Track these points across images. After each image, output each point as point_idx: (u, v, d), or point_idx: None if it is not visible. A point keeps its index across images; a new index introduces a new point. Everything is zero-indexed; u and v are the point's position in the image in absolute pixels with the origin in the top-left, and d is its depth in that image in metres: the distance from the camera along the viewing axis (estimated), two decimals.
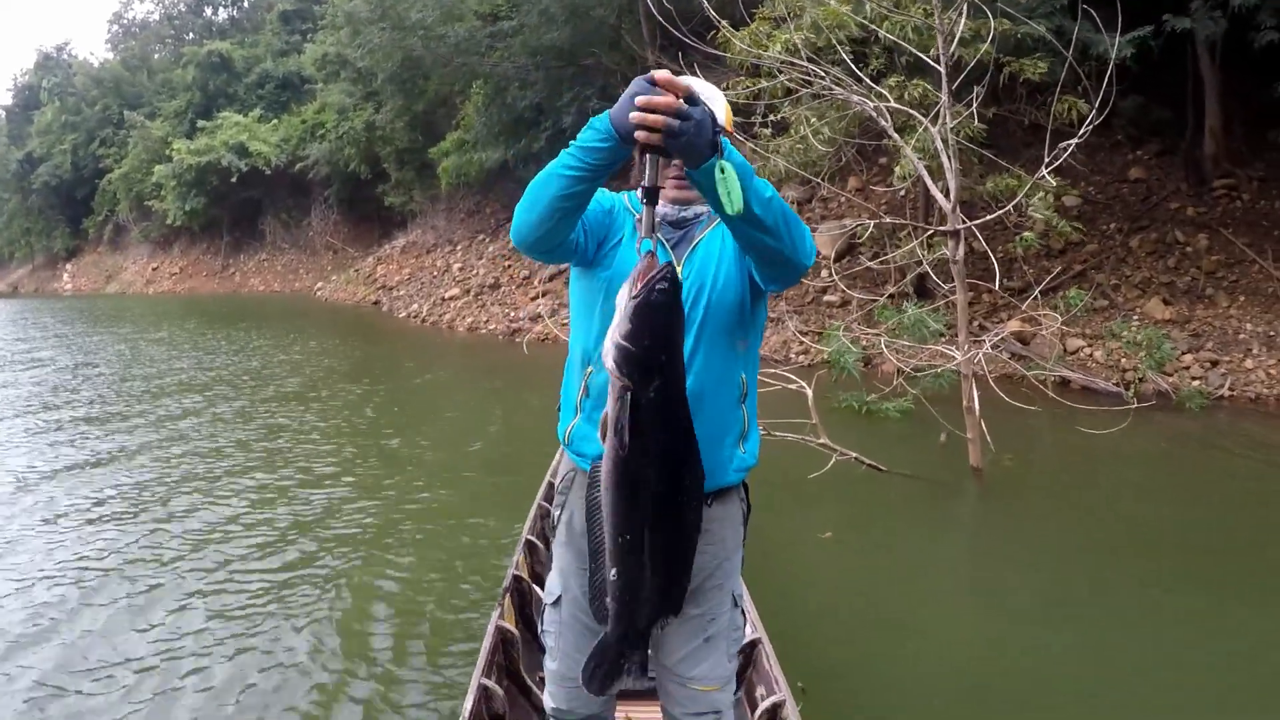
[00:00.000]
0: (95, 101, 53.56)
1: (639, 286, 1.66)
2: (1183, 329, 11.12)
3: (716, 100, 2.14)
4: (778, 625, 3.78)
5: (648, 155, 1.77)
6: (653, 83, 1.68)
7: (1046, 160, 6.42)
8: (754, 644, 3.54)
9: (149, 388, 12.76)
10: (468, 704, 3.00)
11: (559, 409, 2.30)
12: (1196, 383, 9.90)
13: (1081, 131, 6.42)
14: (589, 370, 2.15)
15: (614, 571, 1.86)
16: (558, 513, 2.30)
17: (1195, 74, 13.15)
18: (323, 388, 12.61)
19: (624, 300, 1.69)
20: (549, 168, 1.90)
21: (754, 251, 1.96)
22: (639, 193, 1.78)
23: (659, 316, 1.69)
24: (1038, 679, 4.00)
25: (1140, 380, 9.39)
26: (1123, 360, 10.38)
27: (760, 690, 3.35)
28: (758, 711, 3.13)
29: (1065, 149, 6.37)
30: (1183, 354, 10.53)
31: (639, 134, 1.68)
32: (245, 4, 59.25)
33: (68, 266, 56.36)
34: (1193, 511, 6.31)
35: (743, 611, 2.38)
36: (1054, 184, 7.16)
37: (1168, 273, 12.27)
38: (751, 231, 1.88)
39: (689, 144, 1.69)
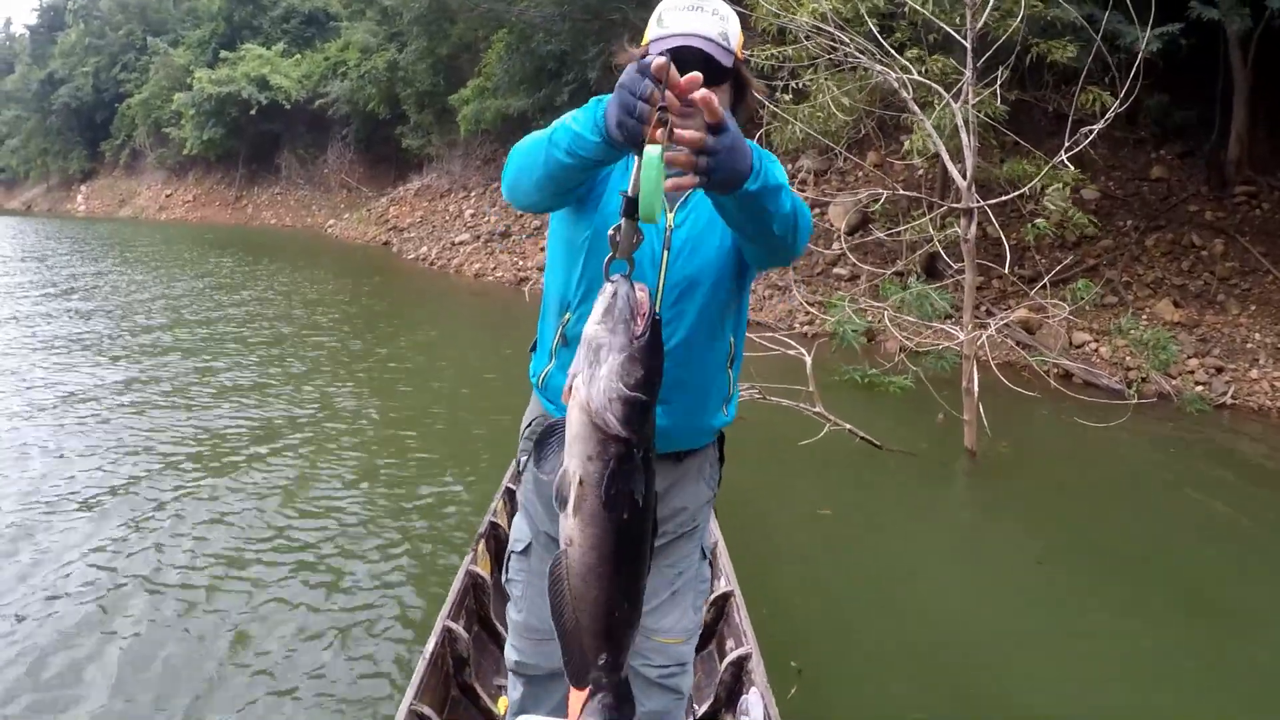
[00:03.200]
0: (120, 26, 53.37)
1: (641, 324, 1.42)
2: (1190, 332, 11.03)
3: (731, 20, 1.93)
4: (756, 589, 3.77)
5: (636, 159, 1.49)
6: (647, 74, 1.40)
7: (1067, 145, 6.32)
8: (726, 596, 3.56)
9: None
10: (429, 645, 3.00)
11: (533, 349, 2.22)
12: (1200, 388, 9.83)
13: (1106, 118, 6.32)
14: (566, 317, 2.04)
15: (603, 657, 1.63)
16: (524, 458, 2.22)
17: (1225, 75, 12.97)
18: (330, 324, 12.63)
19: (614, 340, 1.42)
20: (542, 136, 1.72)
21: (749, 245, 1.86)
22: (622, 202, 1.49)
23: (660, 358, 1.47)
24: (1010, 657, 4.04)
25: (1143, 380, 9.32)
26: (1127, 358, 10.31)
27: (730, 643, 3.36)
28: (725, 661, 3.14)
29: (1088, 134, 6.26)
30: (1188, 357, 10.45)
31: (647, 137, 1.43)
32: None
33: (82, 188, 56.34)
34: (1180, 517, 6.26)
35: (710, 563, 2.35)
36: (1073, 172, 7.08)
37: (1181, 275, 12.17)
38: (758, 240, 1.78)
39: (719, 181, 1.48)
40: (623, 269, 1.49)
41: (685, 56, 1.78)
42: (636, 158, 1.43)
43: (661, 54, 1.83)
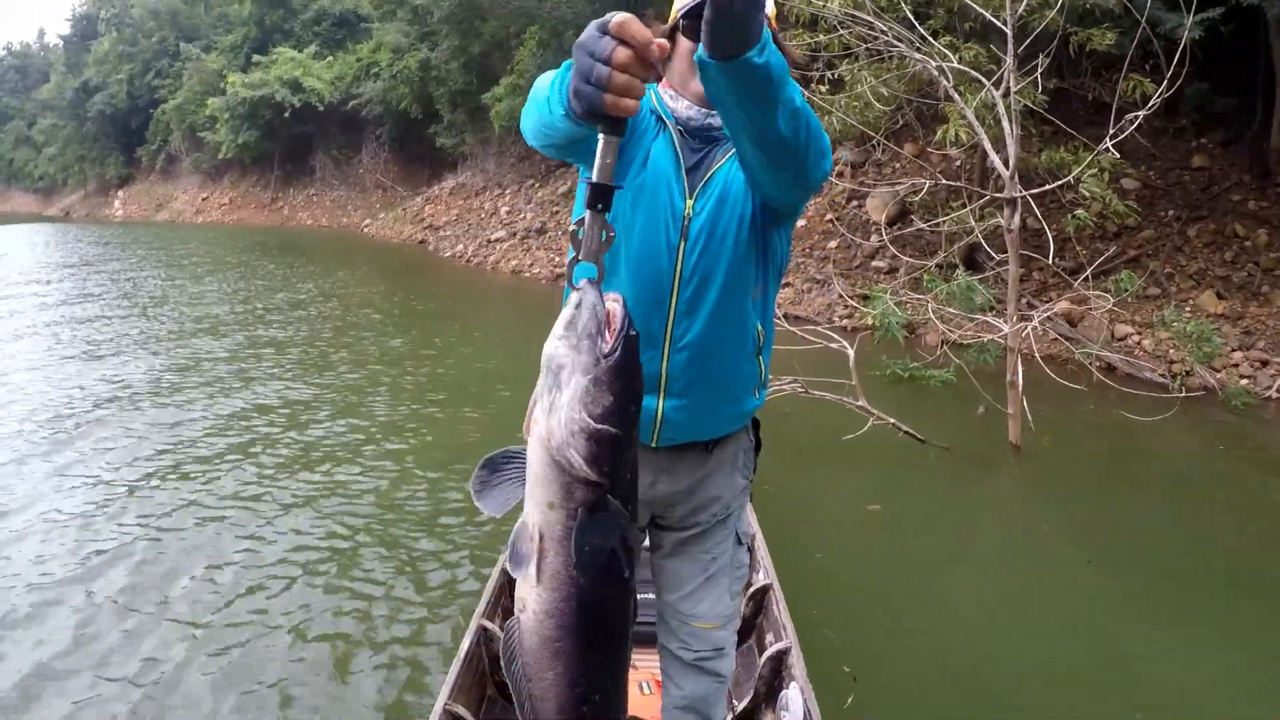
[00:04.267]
0: (152, 33, 54.14)
1: (611, 339, 1.19)
2: (1235, 325, 10.82)
3: None
4: (797, 585, 3.72)
5: (601, 136, 1.31)
6: (606, 31, 1.23)
7: (1112, 130, 6.20)
8: (765, 589, 3.53)
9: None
10: (465, 644, 3.00)
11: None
12: (1245, 381, 9.64)
13: (1151, 103, 6.20)
14: None
15: None
16: None
17: (1266, 62, 12.73)
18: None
19: (577, 359, 1.18)
20: (549, 83, 1.57)
21: (754, 156, 1.68)
22: (586, 192, 1.34)
23: (637, 381, 1.25)
24: (1064, 664, 3.90)
25: (1187, 373, 9.17)
26: (1171, 351, 10.15)
27: (769, 637, 3.33)
28: (764, 655, 3.12)
29: (1133, 120, 6.15)
30: (1232, 350, 10.24)
31: (608, 106, 1.24)
32: None
33: (119, 194, 57.11)
34: (1235, 516, 5.98)
35: (749, 549, 2.32)
36: (1115, 158, 6.97)
37: (1224, 266, 11.95)
38: (762, 146, 1.60)
39: (731, 23, 1.29)
40: (590, 273, 1.28)
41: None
42: (601, 136, 1.30)
43: (684, 14, 1.75)
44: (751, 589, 3.56)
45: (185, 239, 31.34)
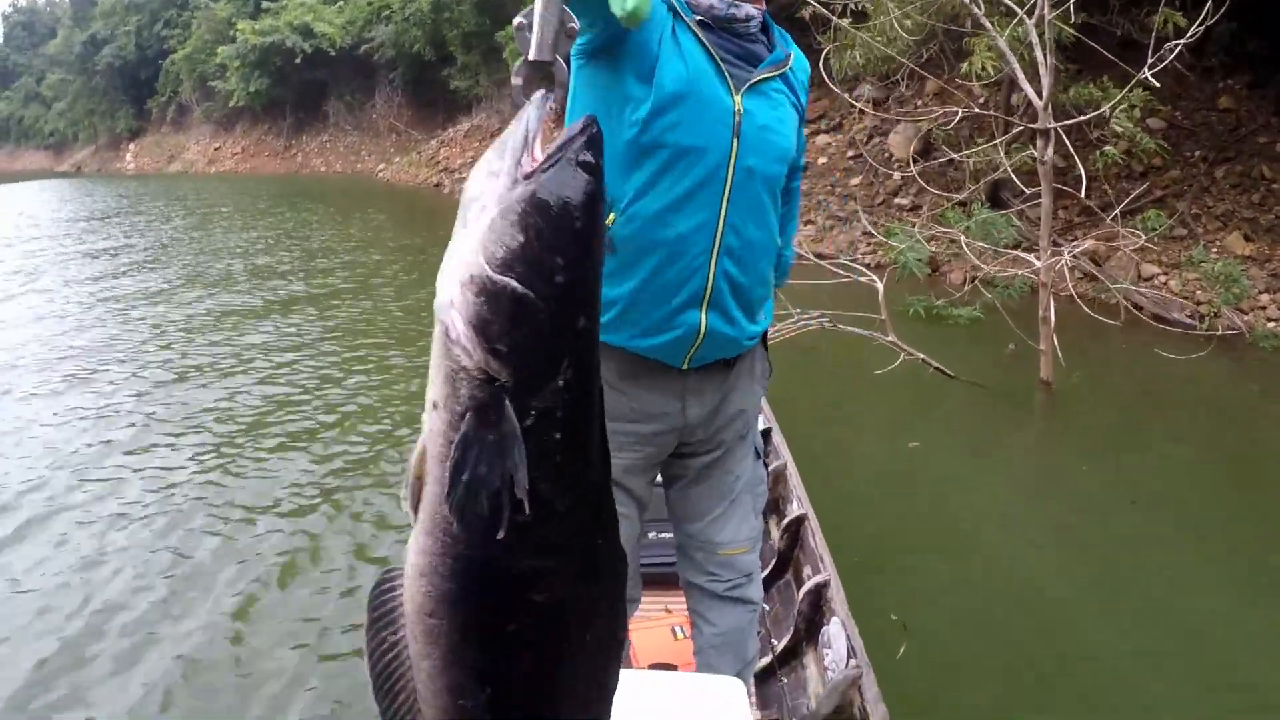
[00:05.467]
0: None
1: (540, 157, 0.84)
2: (1262, 267, 10.64)
3: None
4: (834, 519, 3.63)
5: None
6: None
7: (1150, 60, 6.00)
8: (800, 520, 3.43)
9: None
10: None
11: None
12: (1272, 324, 9.51)
13: (1191, 32, 5.99)
14: (612, 216, 1.75)
15: None
16: None
17: None
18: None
19: (491, 189, 0.83)
20: None
21: None
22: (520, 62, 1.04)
23: (580, 220, 0.83)
24: (1082, 597, 3.84)
25: (1215, 315, 9.03)
26: (1198, 292, 10.00)
27: (807, 570, 3.24)
28: (802, 590, 3.00)
29: (1172, 49, 5.94)
30: (1259, 293, 10.08)
31: None
32: None
33: (130, 146, 56.84)
34: (1269, 454, 5.83)
35: (765, 463, 2.24)
36: (1143, 94, 6.79)
37: (1251, 208, 11.73)
38: None
39: None
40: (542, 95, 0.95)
41: None
42: None
43: None
44: (786, 520, 3.48)
45: (197, 191, 31.04)
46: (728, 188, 1.75)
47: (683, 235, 1.74)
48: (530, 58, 1.01)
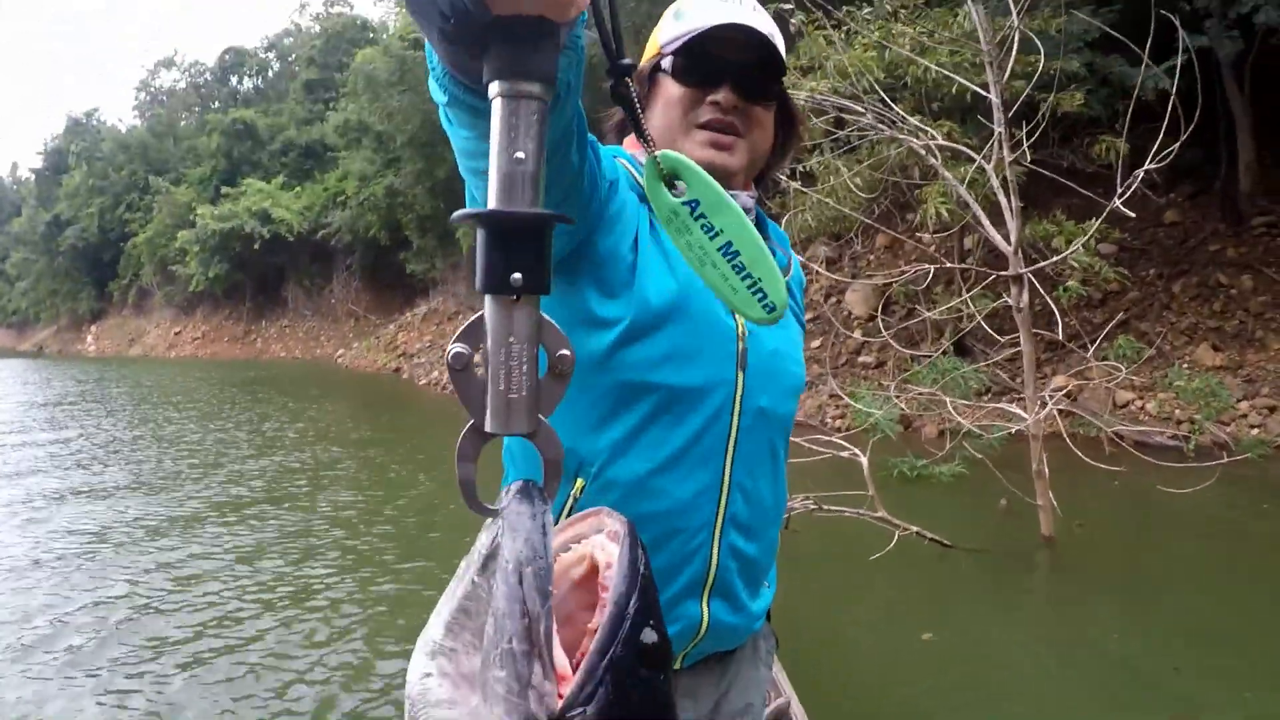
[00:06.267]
0: (122, 167, 54.95)
1: (563, 666, 0.60)
2: (1235, 375, 10.65)
3: (773, 26, 1.40)
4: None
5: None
6: None
7: (1120, 189, 5.90)
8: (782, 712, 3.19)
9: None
10: None
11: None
12: (1255, 430, 9.41)
13: (1166, 152, 5.91)
14: (580, 483, 1.33)
15: None
16: None
17: (1226, 109, 12.79)
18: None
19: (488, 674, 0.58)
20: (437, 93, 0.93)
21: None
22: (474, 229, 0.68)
23: None
24: None
25: (1199, 432, 8.88)
26: (1176, 411, 9.90)
27: None
28: None
29: (1136, 177, 5.87)
30: (1238, 401, 10.05)
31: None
32: (270, 74, 60.46)
33: (92, 328, 57.25)
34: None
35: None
36: (1101, 226, 6.77)
37: (1214, 317, 11.82)
38: None
39: None
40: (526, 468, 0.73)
41: (730, 38, 1.33)
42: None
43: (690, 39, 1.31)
44: (770, 708, 3.19)
45: (155, 376, 30.62)
46: (733, 438, 1.36)
47: (678, 506, 1.33)
48: (485, 428, 0.67)
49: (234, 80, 62.75)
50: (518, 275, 0.64)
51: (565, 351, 0.70)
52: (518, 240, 0.65)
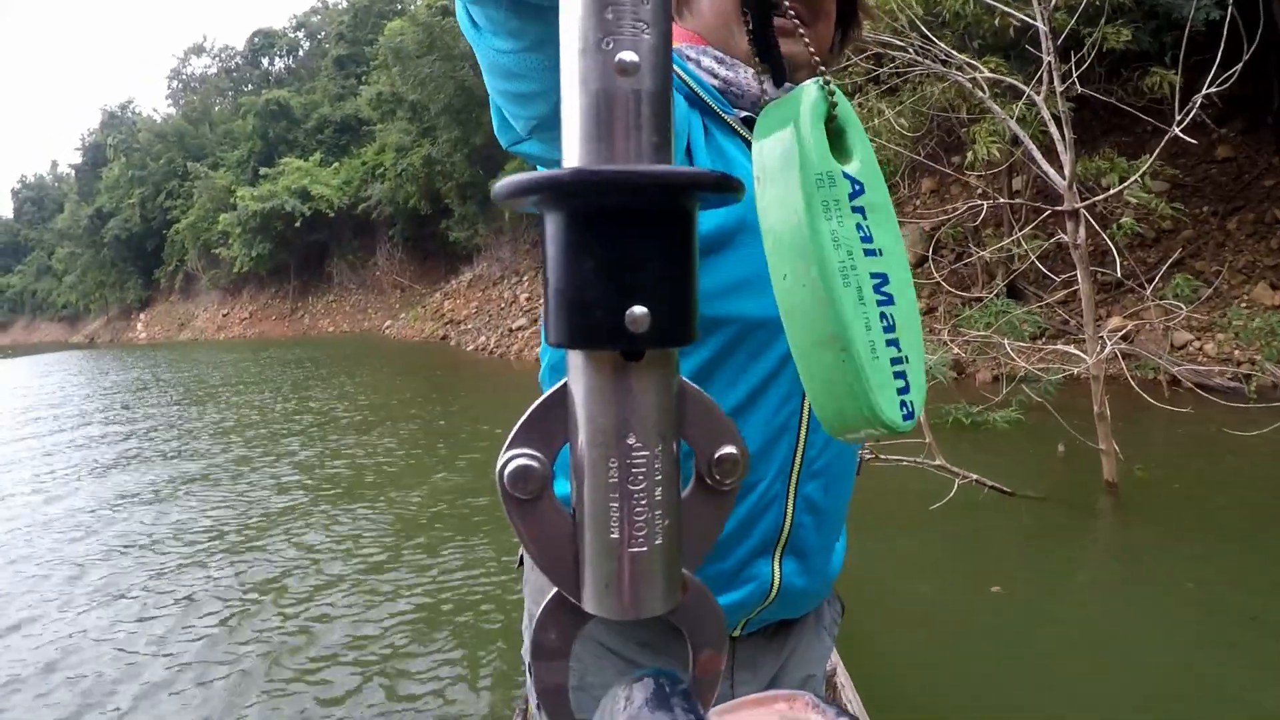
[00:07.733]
0: (160, 155, 55.43)
1: None
2: None
3: None
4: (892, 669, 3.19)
5: None
6: None
7: (1178, 119, 5.61)
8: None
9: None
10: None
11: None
12: None
13: (1219, 82, 5.59)
14: None
15: None
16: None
17: (1275, 40, 12.31)
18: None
19: None
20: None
21: None
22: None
23: None
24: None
25: (1261, 372, 8.62)
26: (1235, 352, 9.64)
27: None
28: None
29: (1194, 102, 5.53)
30: None
31: None
32: (300, 53, 60.64)
33: (141, 316, 58.09)
34: None
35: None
36: (1154, 161, 6.52)
37: (1271, 254, 11.46)
38: None
39: None
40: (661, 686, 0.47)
41: None
42: None
43: None
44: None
45: (209, 358, 31.10)
46: (803, 425, 1.21)
47: (754, 451, 1.18)
48: (585, 605, 0.42)
49: (265, 62, 63.14)
50: (641, 310, 0.34)
51: (730, 450, 0.42)
52: (639, 232, 0.34)
